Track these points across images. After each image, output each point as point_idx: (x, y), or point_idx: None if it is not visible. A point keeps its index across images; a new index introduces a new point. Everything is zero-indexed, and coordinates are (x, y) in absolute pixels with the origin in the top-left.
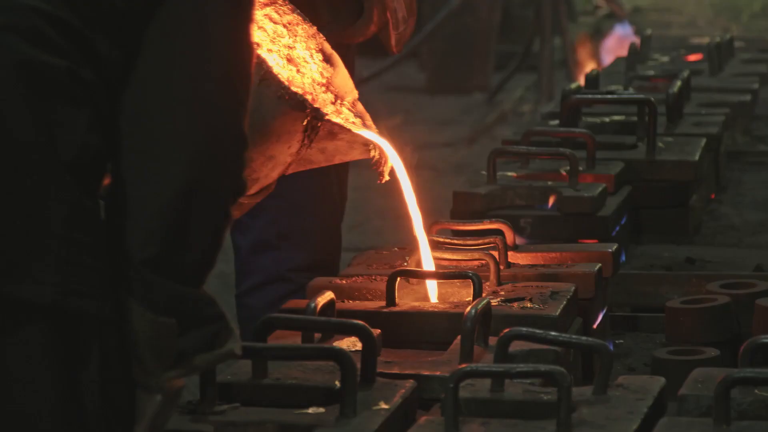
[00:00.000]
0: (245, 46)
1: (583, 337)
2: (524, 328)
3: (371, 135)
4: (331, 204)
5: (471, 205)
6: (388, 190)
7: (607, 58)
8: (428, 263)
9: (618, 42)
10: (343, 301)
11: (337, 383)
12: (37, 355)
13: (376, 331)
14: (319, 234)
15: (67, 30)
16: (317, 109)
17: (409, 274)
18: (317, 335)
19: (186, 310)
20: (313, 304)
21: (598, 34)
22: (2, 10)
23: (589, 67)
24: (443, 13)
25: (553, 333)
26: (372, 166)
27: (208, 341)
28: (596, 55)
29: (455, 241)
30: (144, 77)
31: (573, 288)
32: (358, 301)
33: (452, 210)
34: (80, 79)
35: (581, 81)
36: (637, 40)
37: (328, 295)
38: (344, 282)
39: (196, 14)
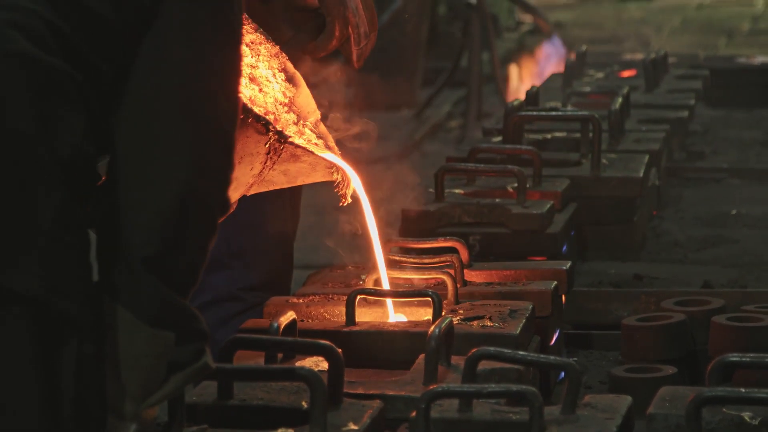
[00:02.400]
0: (233, 64)
1: (551, 357)
2: (492, 348)
3: (334, 158)
4: (284, 223)
5: (420, 222)
6: (320, 207)
7: (543, 74)
8: (386, 283)
9: (550, 57)
10: (302, 321)
11: (304, 404)
12: (15, 345)
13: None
14: (272, 253)
15: (62, 38)
16: (280, 132)
17: (368, 293)
18: (279, 355)
19: (180, 321)
20: (276, 324)
21: (522, 50)
22: (5, 8)
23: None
24: None
25: (521, 353)
26: (334, 188)
27: (194, 357)
28: (534, 72)
29: (411, 260)
30: (138, 89)
31: (531, 306)
32: (317, 321)
33: (401, 228)
34: (76, 83)
35: (508, 96)
36: (564, 55)
37: (290, 315)
38: (301, 301)
39: (186, 31)
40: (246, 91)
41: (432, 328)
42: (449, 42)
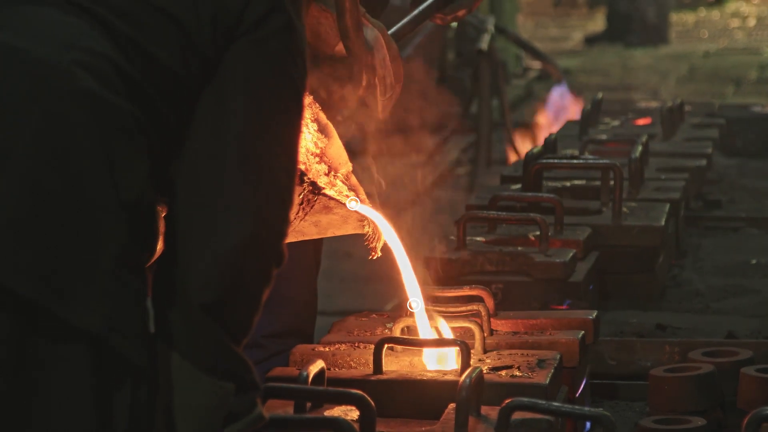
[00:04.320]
0: (294, 119)
1: (585, 408)
2: (526, 399)
3: (367, 210)
4: (307, 271)
5: (442, 270)
6: (331, 253)
7: (555, 121)
8: (426, 332)
9: (562, 104)
10: (328, 369)
11: None
12: (75, 381)
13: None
14: (295, 301)
15: (131, 82)
16: (314, 183)
17: (396, 342)
18: (308, 404)
19: (238, 371)
20: (305, 373)
21: (530, 96)
22: (75, 49)
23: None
24: None
25: (555, 403)
26: (365, 241)
27: (249, 408)
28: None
29: (438, 309)
30: (200, 139)
31: (559, 356)
32: (344, 369)
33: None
34: (142, 126)
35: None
36: (575, 101)
37: (319, 364)
38: (327, 349)
39: (247, 84)
40: None
41: (463, 377)
42: (459, 88)
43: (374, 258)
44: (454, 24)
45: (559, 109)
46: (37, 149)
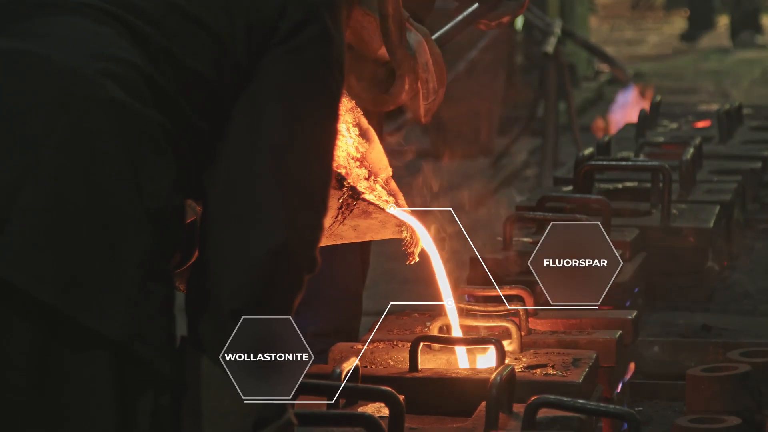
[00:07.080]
0: (329, 128)
1: (611, 405)
2: (552, 396)
3: (405, 216)
4: (353, 270)
5: (488, 271)
6: (394, 254)
7: (617, 124)
8: (456, 332)
9: (625, 108)
10: (365, 367)
11: None
12: (98, 387)
13: (400, 397)
14: (340, 300)
15: (159, 91)
16: (354, 188)
17: (431, 340)
18: (342, 401)
19: None
20: (338, 370)
21: (600, 99)
22: (103, 58)
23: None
24: (448, 77)
25: (580, 401)
26: (402, 246)
27: (278, 413)
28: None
29: (477, 307)
30: (233, 148)
31: (595, 355)
32: (381, 367)
33: (469, 275)
34: (169, 134)
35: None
36: (641, 105)
37: (353, 361)
38: (366, 347)
39: (282, 92)
40: None
41: (493, 375)
42: (526, 91)
43: (412, 262)
44: (519, 26)
45: (624, 112)
46: (62, 158)
